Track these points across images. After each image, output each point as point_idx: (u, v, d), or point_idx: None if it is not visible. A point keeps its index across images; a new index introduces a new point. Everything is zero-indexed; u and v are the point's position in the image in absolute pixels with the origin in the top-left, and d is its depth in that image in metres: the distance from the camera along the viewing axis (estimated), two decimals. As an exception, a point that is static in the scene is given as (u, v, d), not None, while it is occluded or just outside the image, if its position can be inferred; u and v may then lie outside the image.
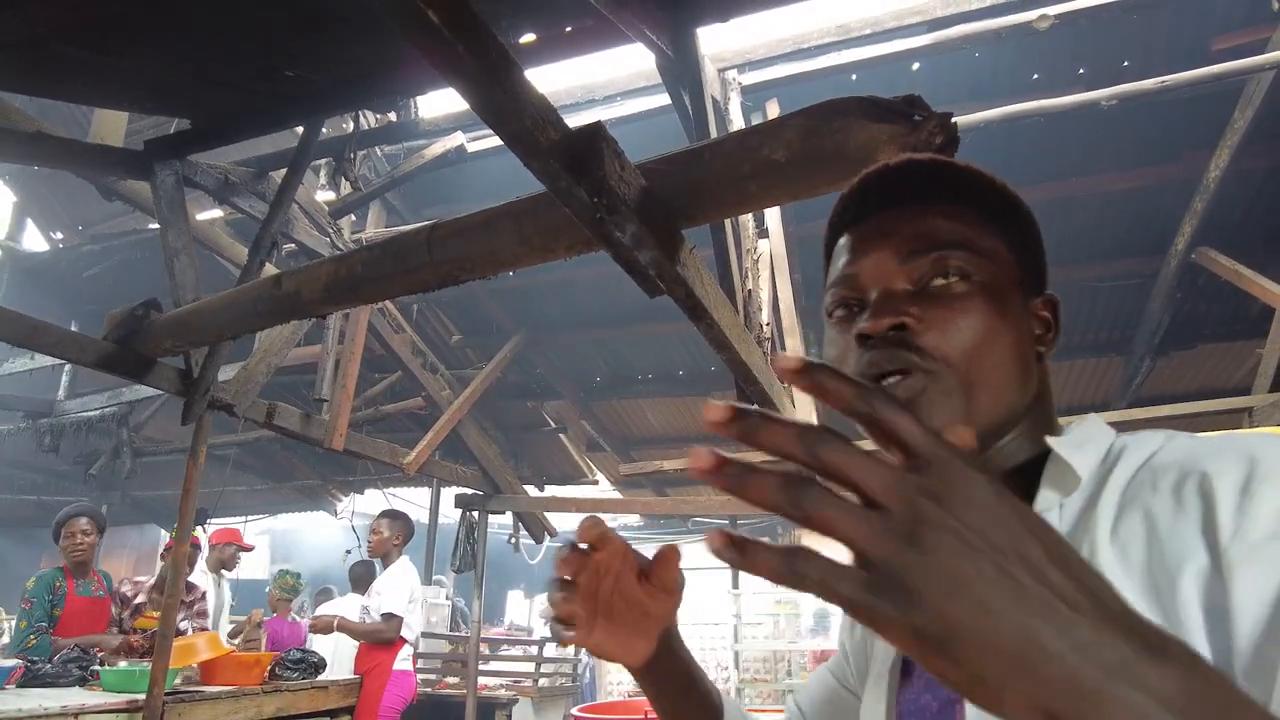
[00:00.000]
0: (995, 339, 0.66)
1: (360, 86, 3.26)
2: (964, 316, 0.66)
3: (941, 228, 0.69)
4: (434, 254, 2.44)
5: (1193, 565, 0.51)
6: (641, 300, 2.34)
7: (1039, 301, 0.74)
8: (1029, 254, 0.74)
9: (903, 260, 0.69)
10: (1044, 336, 0.73)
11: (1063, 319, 0.76)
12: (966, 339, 0.65)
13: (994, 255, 0.70)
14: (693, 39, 3.00)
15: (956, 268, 0.68)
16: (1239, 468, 0.53)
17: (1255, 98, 4.09)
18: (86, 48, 2.83)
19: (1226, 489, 0.52)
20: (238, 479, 8.85)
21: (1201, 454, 0.56)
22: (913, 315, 0.66)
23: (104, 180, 3.89)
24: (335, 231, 4.46)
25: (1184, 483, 0.55)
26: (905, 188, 0.72)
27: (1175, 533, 0.53)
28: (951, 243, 0.69)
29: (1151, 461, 0.59)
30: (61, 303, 6.61)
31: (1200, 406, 4.81)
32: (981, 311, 0.66)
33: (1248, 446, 0.55)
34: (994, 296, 0.67)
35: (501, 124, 1.57)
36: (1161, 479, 0.57)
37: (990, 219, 0.71)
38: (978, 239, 0.69)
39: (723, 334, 2.47)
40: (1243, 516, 0.50)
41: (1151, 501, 0.56)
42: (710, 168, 1.98)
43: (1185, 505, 0.54)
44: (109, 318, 3.46)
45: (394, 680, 4.67)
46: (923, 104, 1.82)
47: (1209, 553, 0.51)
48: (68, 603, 4.09)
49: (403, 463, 5.67)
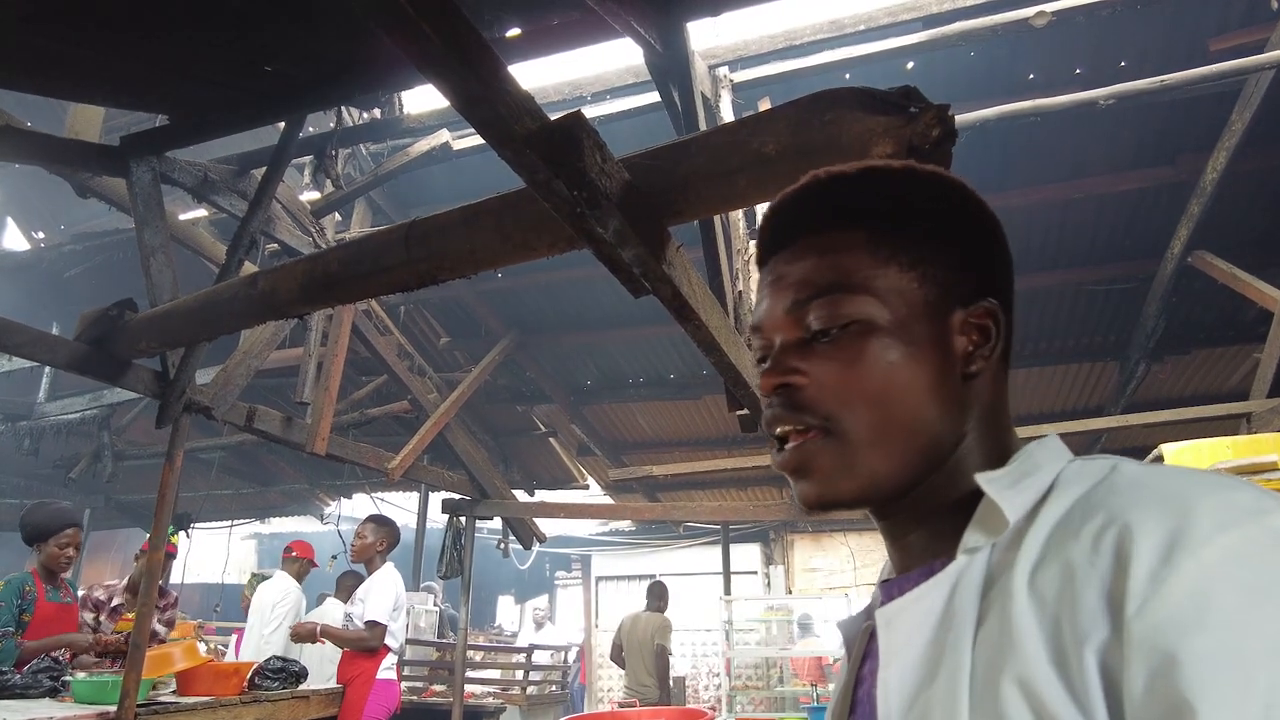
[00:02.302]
0: (889, 382, 0.62)
1: (342, 81, 3.18)
2: (850, 367, 0.63)
3: (821, 268, 0.66)
4: (412, 252, 2.36)
5: (1097, 636, 0.47)
6: (632, 302, 2.27)
7: (971, 311, 0.66)
8: (954, 259, 0.67)
9: (789, 310, 0.67)
10: (976, 352, 0.65)
11: (1058, 322, 0.69)
12: (854, 390, 0.63)
13: (883, 288, 0.65)
14: (682, 34, 2.93)
15: (839, 314, 0.64)
16: (1165, 526, 0.47)
17: (1253, 99, 4.05)
18: (59, 39, 2.74)
19: (1145, 552, 0.47)
20: (223, 483, 8.75)
21: (1132, 498, 0.51)
22: (798, 371, 0.65)
23: (78, 177, 3.79)
24: (318, 231, 4.37)
25: (1105, 531, 0.49)
26: (800, 218, 0.69)
27: (1087, 590, 0.48)
28: (829, 286, 0.65)
29: (1085, 499, 0.54)
30: (43, 303, 6.50)
31: (1197, 412, 4.76)
32: (869, 358, 0.63)
33: (1183, 496, 0.49)
34: (885, 335, 0.63)
35: (473, 111, 1.49)
36: (1086, 523, 0.51)
37: (885, 238, 0.66)
38: (861, 273, 0.65)
39: (711, 336, 2.39)
40: (1154, 590, 0.45)
41: (1073, 550, 0.51)
42: (697, 161, 1.90)
43: (1100, 560, 0.49)
44: (81, 318, 3.38)
45: (377, 689, 4.57)
46: (919, 95, 1.75)
47: (1111, 623, 0.46)
48: (37, 609, 3.97)
49: (387, 467, 5.58)
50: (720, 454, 7.92)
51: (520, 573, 12.82)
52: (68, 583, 4.25)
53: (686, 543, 10.64)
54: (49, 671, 3.62)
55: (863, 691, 0.69)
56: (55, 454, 6.68)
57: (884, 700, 0.58)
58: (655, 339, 6.97)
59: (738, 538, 9.31)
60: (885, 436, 0.62)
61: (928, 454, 0.63)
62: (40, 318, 5.59)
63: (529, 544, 7.37)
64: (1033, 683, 0.48)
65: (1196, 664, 0.42)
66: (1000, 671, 0.50)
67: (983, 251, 0.68)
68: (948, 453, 0.64)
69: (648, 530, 11.22)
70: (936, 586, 0.58)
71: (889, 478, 0.63)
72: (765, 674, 9.32)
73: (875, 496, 0.65)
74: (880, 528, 0.70)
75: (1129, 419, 5.09)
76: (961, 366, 0.65)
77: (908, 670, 0.57)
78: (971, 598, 0.55)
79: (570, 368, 7.65)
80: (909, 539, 0.67)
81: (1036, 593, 0.51)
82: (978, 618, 0.54)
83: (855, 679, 0.71)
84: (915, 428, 0.63)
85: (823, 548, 10.05)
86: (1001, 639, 0.51)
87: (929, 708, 0.54)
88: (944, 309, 0.65)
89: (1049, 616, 0.50)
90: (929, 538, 0.65)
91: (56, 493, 8.08)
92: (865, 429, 0.62)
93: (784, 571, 10.02)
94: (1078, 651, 0.47)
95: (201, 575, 12.32)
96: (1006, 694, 0.49)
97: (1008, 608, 0.52)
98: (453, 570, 6.47)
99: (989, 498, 0.58)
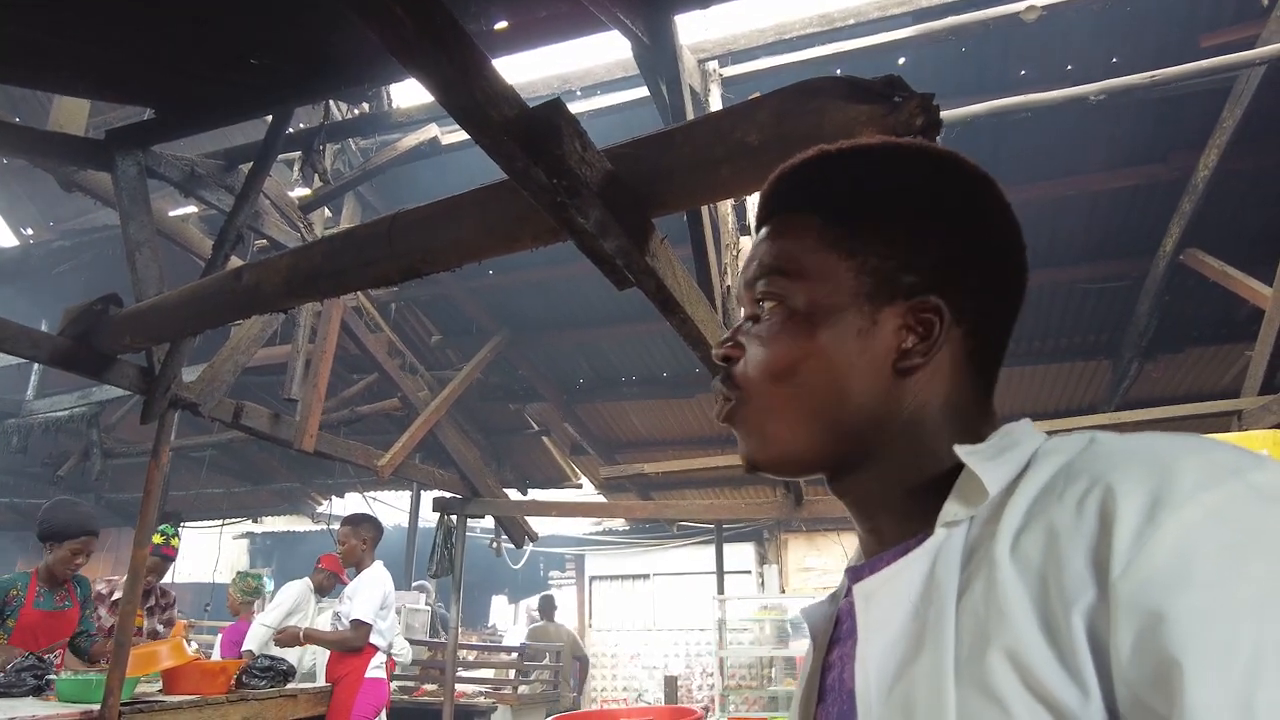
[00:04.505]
0: (791, 364, 0.65)
1: (330, 74, 3.15)
2: (764, 345, 0.67)
3: (771, 250, 0.70)
4: (395, 245, 2.34)
5: (1083, 599, 0.46)
6: (624, 299, 2.26)
7: (912, 306, 0.64)
8: (913, 251, 0.65)
9: (746, 287, 0.72)
10: (914, 348, 0.64)
11: (1050, 320, 0.69)
12: (760, 368, 0.67)
13: (815, 273, 0.66)
14: (670, 27, 2.91)
15: (770, 294, 0.68)
16: (1146, 485, 0.47)
17: (1244, 96, 4.05)
18: (39, 29, 2.71)
19: (1128, 512, 0.46)
20: (214, 481, 8.71)
21: (1114, 461, 0.51)
22: (731, 346, 0.70)
23: (63, 171, 3.76)
24: (306, 226, 4.34)
25: (1089, 494, 0.49)
26: (774, 199, 0.72)
27: (1073, 554, 0.48)
28: (767, 268, 0.69)
29: (1067, 467, 0.53)
30: (31, 300, 6.46)
31: (1189, 409, 4.75)
32: (783, 340, 0.66)
33: (1164, 457, 0.49)
34: (804, 321, 0.66)
35: (451, 98, 1.47)
36: (1070, 487, 0.51)
37: (837, 222, 0.67)
38: (799, 257, 0.67)
39: (697, 330, 2.37)
40: (1138, 549, 0.45)
41: (1056, 513, 0.50)
42: (680, 152, 1.88)
43: (1083, 523, 0.48)
44: (65, 313, 3.35)
45: (366, 688, 4.54)
46: (903, 84, 1.73)
47: (1097, 585, 0.46)
48: (22, 615, 3.91)
49: (377, 465, 5.55)
50: (714, 452, 7.90)
51: (514, 572, 12.77)
52: (79, 582, 4.17)
53: (680, 542, 10.63)
54: (33, 670, 3.58)
55: (831, 678, 0.67)
56: (44, 452, 6.64)
57: (862, 678, 0.56)
58: (648, 336, 6.95)
59: (731, 537, 9.30)
60: (785, 413, 0.66)
61: (837, 436, 0.66)
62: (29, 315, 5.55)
63: (521, 543, 7.35)
64: (1021, 652, 0.47)
65: (1181, 621, 0.42)
66: (986, 642, 0.49)
67: (950, 244, 0.65)
68: (882, 439, 0.65)
69: (641, 530, 11.20)
70: (916, 560, 0.57)
71: (795, 453, 0.67)
72: (759, 673, 9.31)
73: (790, 468, 0.69)
74: (849, 511, 0.70)
75: (1121, 417, 5.07)
76: (893, 360, 0.64)
77: (888, 646, 0.56)
78: (952, 569, 0.54)
79: (563, 366, 7.63)
80: (878, 521, 0.67)
81: (1020, 559, 0.50)
82: (959, 589, 0.53)
83: (823, 666, 0.69)
84: (818, 409, 0.65)
85: (817, 547, 10.04)
86: (986, 608, 0.50)
87: (912, 685, 0.52)
88: (879, 301, 0.65)
89: (1034, 582, 0.49)
90: (900, 519, 0.65)
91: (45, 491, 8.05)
92: (766, 403, 0.67)
93: (778, 571, 10.00)
94: (1065, 616, 0.46)
95: (193, 575, 12.29)
96: (994, 664, 0.48)
97: (992, 576, 0.51)
98: (444, 569, 6.44)
99: (968, 470, 0.58)
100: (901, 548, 0.63)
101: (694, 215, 3.08)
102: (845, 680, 0.63)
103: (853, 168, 0.67)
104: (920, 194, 0.66)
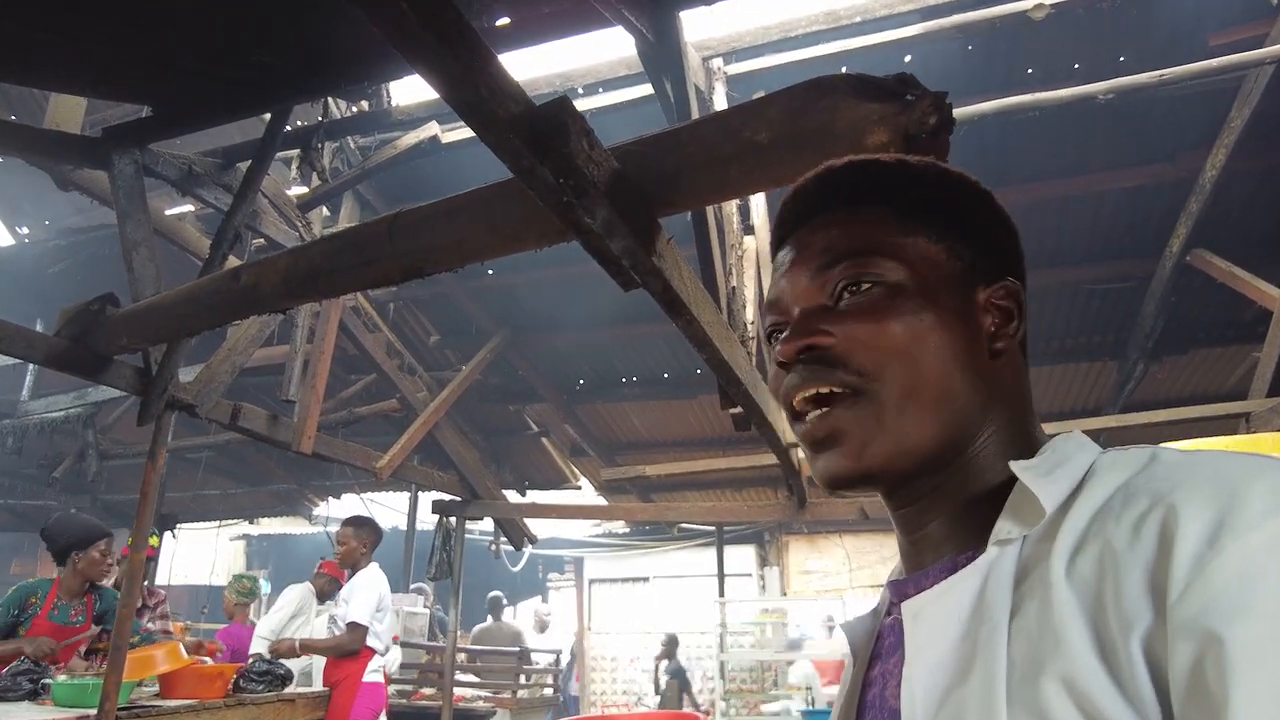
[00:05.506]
0: (921, 342, 0.62)
1: (329, 71, 3.11)
2: (881, 324, 0.63)
3: (850, 235, 0.67)
4: (396, 244, 2.30)
5: (1141, 623, 0.45)
6: (626, 300, 2.22)
7: (994, 290, 0.67)
8: (977, 241, 0.68)
9: (814, 276, 0.67)
10: (1000, 330, 0.66)
11: (1056, 321, 0.66)
12: (886, 346, 0.62)
13: (912, 254, 0.66)
14: (675, 23, 2.87)
15: (867, 275, 0.65)
16: (1212, 508, 0.45)
17: (1252, 96, 4.02)
18: (36, 26, 2.66)
19: (1190, 535, 0.45)
20: (211, 483, 8.66)
21: (1176, 481, 0.49)
22: (825, 333, 0.64)
23: (60, 169, 3.72)
24: (304, 226, 4.30)
25: (1149, 514, 0.48)
26: (824, 198, 0.70)
27: (1130, 576, 0.47)
28: (857, 250, 0.66)
29: (1126, 486, 0.52)
30: (28, 300, 6.40)
31: (1196, 411, 4.71)
32: (900, 316, 0.63)
33: (1232, 479, 0.47)
34: (915, 297, 0.64)
35: (455, 94, 1.43)
36: (1128, 509, 0.50)
37: (913, 214, 0.68)
38: (890, 240, 0.66)
39: (702, 331, 2.33)
40: (1198, 574, 0.44)
41: (1114, 533, 0.49)
42: (688, 150, 1.84)
43: (1142, 544, 0.47)
44: (62, 313, 3.31)
45: (363, 692, 4.51)
46: (915, 83, 1.70)
47: (1154, 608, 0.45)
48: (34, 624, 3.87)
49: (375, 467, 5.51)
50: (715, 454, 7.87)
51: (513, 575, 12.72)
52: (100, 595, 4.10)
53: (680, 545, 10.59)
54: (28, 674, 3.55)
55: (872, 694, 0.66)
56: (39, 453, 6.59)
57: (909, 698, 0.54)
58: (649, 337, 6.91)
59: (732, 539, 9.26)
60: (917, 398, 0.61)
61: (956, 426, 0.62)
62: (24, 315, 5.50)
63: (520, 545, 7.31)
64: (1078, 679, 0.46)
65: (1237, 650, 0.41)
66: (1041, 667, 0.48)
67: (1003, 242, 0.70)
68: (973, 432, 0.63)
69: (641, 532, 11.16)
70: (966, 578, 0.55)
71: (918, 445, 0.61)
72: (759, 677, 9.27)
73: (903, 466, 0.62)
74: (895, 518, 0.68)
75: (1127, 419, 5.04)
76: (987, 343, 0.65)
77: (936, 666, 0.54)
78: (1004, 589, 0.53)
79: (563, 366, 7.59)
80: (927, 530, 0.65)
81: (1076, 581, 0.49)
82: (1012, 610, 0.52)
83: (864, 682, 0.68)
84: (945, 395, 0.61)
85: (818, 549, 10.00)
86: (1040, 632, 0.49)
87: (962, 707, 0.51)
88: (969, 284, 0.66)
89: (1091, 606, 0.48)
90: (949, 529, 0.63)
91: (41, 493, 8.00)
92: (898, 387, 0.61)
93: (779, 574, 9.96)
94: (1124, 641, 0.45)
95: (189, 577, 12.25)
96: (1049, 691, 0.46)
97: (1046, 598, 0.49)
98: (442, 571, 6.40)
99: (1022, 486, 0.56)
100: (949, 564, 0.61)
101: (699, 215, 3.05)
102: (888, 698, 0.62)
103: (911, 171, 0.69)
104: (973, 199, 0.70)
